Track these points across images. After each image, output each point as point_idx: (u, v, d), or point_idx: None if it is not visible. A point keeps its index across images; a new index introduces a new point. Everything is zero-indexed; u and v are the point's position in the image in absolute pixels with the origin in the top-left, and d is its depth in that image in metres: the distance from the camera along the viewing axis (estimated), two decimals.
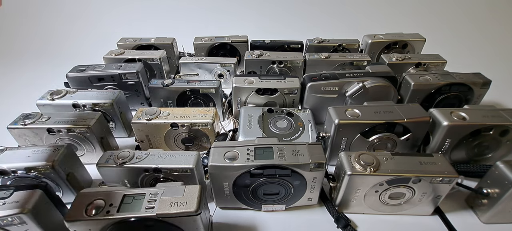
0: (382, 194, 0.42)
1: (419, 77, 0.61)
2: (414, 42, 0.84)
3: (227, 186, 0.42)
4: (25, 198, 0.36)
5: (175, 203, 0.34)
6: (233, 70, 0.76)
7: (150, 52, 0.78)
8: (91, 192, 0.36)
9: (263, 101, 0.61)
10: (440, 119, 0.48)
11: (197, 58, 0.77)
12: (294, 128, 0.55)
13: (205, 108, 0.56)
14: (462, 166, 0.50)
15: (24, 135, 0.51)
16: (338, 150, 0.51)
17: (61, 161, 0.44)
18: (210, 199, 0.47)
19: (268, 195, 0.44)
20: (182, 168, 0.42)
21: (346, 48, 0.83)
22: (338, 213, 0.44)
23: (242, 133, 0.52)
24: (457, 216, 0.45)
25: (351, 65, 0.74)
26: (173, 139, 0.55)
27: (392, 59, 0.72)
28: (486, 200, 0.43)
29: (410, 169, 0.40)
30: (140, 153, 0.44)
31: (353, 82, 0.58)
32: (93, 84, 0.66)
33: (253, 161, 0.39)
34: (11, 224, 0.36)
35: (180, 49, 0.91)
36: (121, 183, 0.44)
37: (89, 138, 0.52)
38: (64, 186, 0.45)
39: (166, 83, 0.62)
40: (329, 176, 0.45)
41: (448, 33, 1.15)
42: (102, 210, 0.34)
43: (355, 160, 0.40)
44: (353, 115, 0.48)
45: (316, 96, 0.60)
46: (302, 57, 0.74)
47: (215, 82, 0.63)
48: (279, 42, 0.84)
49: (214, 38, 0.85)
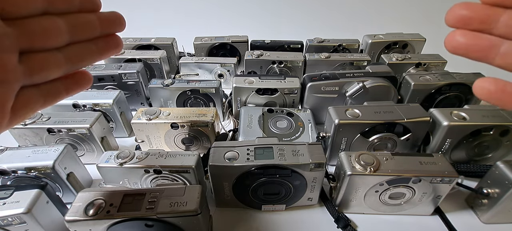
0: (382, 194, 0.42)
1: (419, 77, 0.61)
2: (414, 42, 0.84)
3: (227, 186, 0.42)
4: (25, 198, 0.36)
5: (175, 203, 0.34)
6: (233, 70, 0.76)
7: (150, 52, 0.78)
8: (91, 192, 0.36)
9: (263, 101, 0.61)
10: (440, 119, 0.48)
11: (197, 58, 0.77)
12: (294, 128, 0.55)
13: (205, 108, 0.56)
14: (462, 166, 0.50)
15: (24, 134, 0.51)
16: (338, 150, 0.51)
17: (61, 161, 0.44)
18: (210, 199, 0.47)
19: (268, 195, 0.44)
20: (182, 168, 0.42)
21: (346, 48, 0.83)
22: (338, 213, 0.44)
23: (242, 133, 0.52)
24: (457, 216, 0.45)
25: (351, 65, 0.74)
26: (173, 139, 0.55)
27: (392, 59, 0.72)
28: (486, 200, 0.43)
29: (410, 169, 0.40)
30: (140, 153, 0.44)
31: (353, 82, 0.58)
32: (93, 84, 0.66)
33: (253, 161, 0.39)
34: (11, 224, 0.36)
35: (180, 49, 0.91)
36: (121, 183, 0.44)
37: (89, 138, 0.52)
38: (64, 186, 0.45)
39: (166, 83, 0.62)
40: (329, 176, 0.45)
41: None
42: (102, 210, 0.34)
43: (355, 160, 0.40)
44: (353, 115, 0.48)
45: (316, 96, 0.60)
46: (302, 57, 0.74)
47: (215, 82, 0.63)
48: (279, 42, 0.85)
49: (214, 38, 0.85)
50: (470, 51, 0.22)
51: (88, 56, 0.26)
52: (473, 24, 0.21)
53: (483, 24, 0.21)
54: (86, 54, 0.26)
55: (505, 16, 0.20)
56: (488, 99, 0.22)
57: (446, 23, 0.22)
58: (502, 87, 0.21)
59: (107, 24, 0.27)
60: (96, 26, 0.26)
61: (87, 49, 0.26)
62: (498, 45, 0.21)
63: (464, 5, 0.21)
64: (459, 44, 0.22)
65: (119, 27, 0.28)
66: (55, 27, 0.22)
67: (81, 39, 0.25)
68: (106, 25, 0.26)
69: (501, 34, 0.21)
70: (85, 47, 0.25)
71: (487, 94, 0.22)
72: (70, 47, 0.24)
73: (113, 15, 0.27)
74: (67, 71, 0.25)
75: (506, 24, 0.20)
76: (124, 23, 0.28)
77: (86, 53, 0.26)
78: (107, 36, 0.27)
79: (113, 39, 0.28)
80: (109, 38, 0.27)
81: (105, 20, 0.26)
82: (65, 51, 0.24)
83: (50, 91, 0.24)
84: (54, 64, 0.23)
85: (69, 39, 0.24)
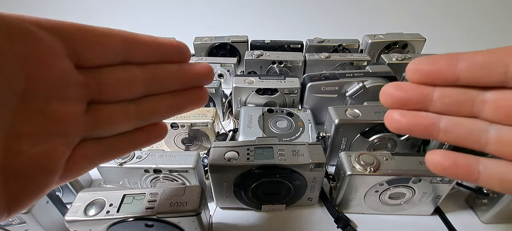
0: (382, 194, 0.42)
1: None
2: (414, 42, 0.84)
3: (227, 186, 0.42)
4: None
5: (175, 203, 0.34)
6: (233, 70, 0.76)
7: None
8: (91, 192, 0.36)
9: (263, 101, 0.61)
10: None
11: (197, 58, 0.77)
12: (294, 128, 0.55)
13: (205, 109, 0.56)
14: None
15: None
16: (338, 150, 0.51)
17: None
18: (210, 199, 0.47)
19: (268, 195, 0.44)
20: (182, 168, 0.42)
21: (346, 48, 0.83)
22: (338, 213, 0.44)
23: (242, 132, 0.52)
24: (457, 216, 0.45)
25: (351, 65, 0.74)
26: (173, 139, 0.55)
27: (392, 59, 0.72)
28: (486, 200, 0.43)
29: (410, 169, 0.40)
30: (140, 153, 0.44)
31: (353, 82, 0.58)
32: None
33: (253, 161, 0.39)
34: (11, 224, 0.36)
35: None
36: (121, 183, 0.44)
37: None
38: (64, 186, 0.45)
39: None
40: (329, 176, 0.45)
41: (448, 33, 1.15)
42: (102, 210, 0.34)
43: (355, 160, 0.40)
44: (353, 115, 0.48)
45: (316, 96, 0.60)
46: (302, 57, 0.74)
47: (215, 82, 0.63)
48: (279, 42, 0.84)
49: (214, 38, 0.85)
50: (413, 131, 0.21)
51: (163, 110, 0.23)
52: (410, 105, 0.21)
53: (419, 104, 0.21)
54: (162, 108, 0.23)
55: (437, 93, 0.20)
56: (442, 174, 0.22)
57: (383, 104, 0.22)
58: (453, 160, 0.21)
59: (191, 77, 0.24)
60: (177, 79, 0.23)
61: (164, 102, 0.23)
62: (437, 121, 0.21)
63: (396, 86, 0.21)
64: (401, 124, 0.21)
65: (205, 81, 0.25)
66: (130, 79, 0.20)
67: (158, 91, 0.22)
68: (190, 78, 0.24)
69: (437, 111, 0.21)
70: (162, 100, 0.23)
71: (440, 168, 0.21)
72: (145, 99, 0.22)
73: (201, 68, 0.24)
74: (138, 125, 0.22)
75: (441, 102, 0.20)
76: (211, 77, 0.25)
77: (162, 107, 0.23)
78: (190, 89, 0.24)
79: (197, 92, 0.25)
80: (192, 91, 0.24)
81: (190, 72, 0.23)
82: (140, 104, 0.21)
83: (114, 145, 0.21)
84: (124, 118, 0.21)
85: (145, 92, 0.21)
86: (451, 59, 0.19)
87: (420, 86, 0.21)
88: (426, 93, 0.20)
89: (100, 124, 0.20)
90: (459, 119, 0.20)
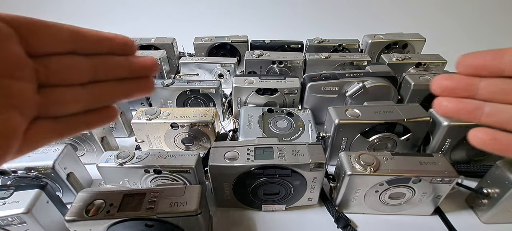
0: (382, 194, 0.42)
1: (419, 77, 0.61)
2: (414, 42, 0.84)
3: (227, 186, 0.42)
4: (25, 198, 0.36)
5: (175, 203, 0.34)
6: (233, 70, 0.76)
7: (150, 52, 0.78)
8: (91, 192, 0.36)
9: (263, 101, 0.61)
10: (440, 119, 0.48)
11: (197, 58, 0.77)
12: (294, 128, 0.55)
13: (205, 108, 0.56)
14: (462, 166, 0.50)
15: None
16: (338, 150, 0.51)
17: (61, 161, 0.44)
18: (210, 199, 0.47)
19: (268, 195, 0.44)
20: (182, 168, 0.42)
21: (346, 48, 0.83)
22: (338, 213, 0.44)
23: (242, 133, 0.52)
24: (457, 216, 0.45)
25: (351, 65, 0.74)
26: (173, 139, 0.55)
27: (392, 59, 0.72)
28: (486, 200, 0.43)
29: (410, 169, 0.40)
30: (140, 153, 0.44)
31: (353, 82, 0.58)
32: None
33: (253, 161, 0.39)
34: (11, 224, 0.36)
35: (180, 49, 0.91)
36: (121, 183, 0.44)
37: (89, 138, 0.52)
38: (64, 186, 0.45)
39: (166, 83, 0.62)
40: (329, 176, 0.45)
41: (448, 33, 1.15)
42: (102, 210, 0.34)
43: (355, 160, 0.40)
44: (353, 115, 0.48)
45: (316, 96, 0.60)
46: (302, 57, 0.74)
47: (215, 82, 0.63)
48: (279, 42, 0.85)
49: (214, 38, 0.85)
50: (460, 114, 0.25)
51: (111, 95, 0.27)
52: (458, 93, 0.25)
53: (467, 92, 0.24)
54: (110, 93, 0.26)
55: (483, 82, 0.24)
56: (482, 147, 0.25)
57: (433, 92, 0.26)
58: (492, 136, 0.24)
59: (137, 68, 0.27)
60: (123, 68, 0.26)
61: (112, 88, 0.26)
62: (482, 107, 0.24)
63: (447, 76, 0.25)
64: (449, 109, 0.25)
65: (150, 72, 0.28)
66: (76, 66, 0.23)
67: (105, 79, 0.26)
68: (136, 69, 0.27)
69: (483, 98, 0.24)
70: (111, 86, 0.26)
71: (481, 143, 0.25)
72: (94, 85, 0.25)
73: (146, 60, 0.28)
74: (88, 106, 0.25)
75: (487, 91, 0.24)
76: (156, 69, 0.29)
77: (110, 92, 0.26)
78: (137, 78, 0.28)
79: (144, 81, 0.28)
80: (139, 80, 0.28)
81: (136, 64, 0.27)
82: (88, 88, 0.25)
83: (68, 124, 0.25)
84: (73, 100, 0.24)
85: (92, 78, 0.25)
86: (497, 54, 0.22)
87: (468, 77, 0.24)
88: (473, 83, 0.24)
89: (52, 103, 0.23)
90: (503, 105, 0.24)
